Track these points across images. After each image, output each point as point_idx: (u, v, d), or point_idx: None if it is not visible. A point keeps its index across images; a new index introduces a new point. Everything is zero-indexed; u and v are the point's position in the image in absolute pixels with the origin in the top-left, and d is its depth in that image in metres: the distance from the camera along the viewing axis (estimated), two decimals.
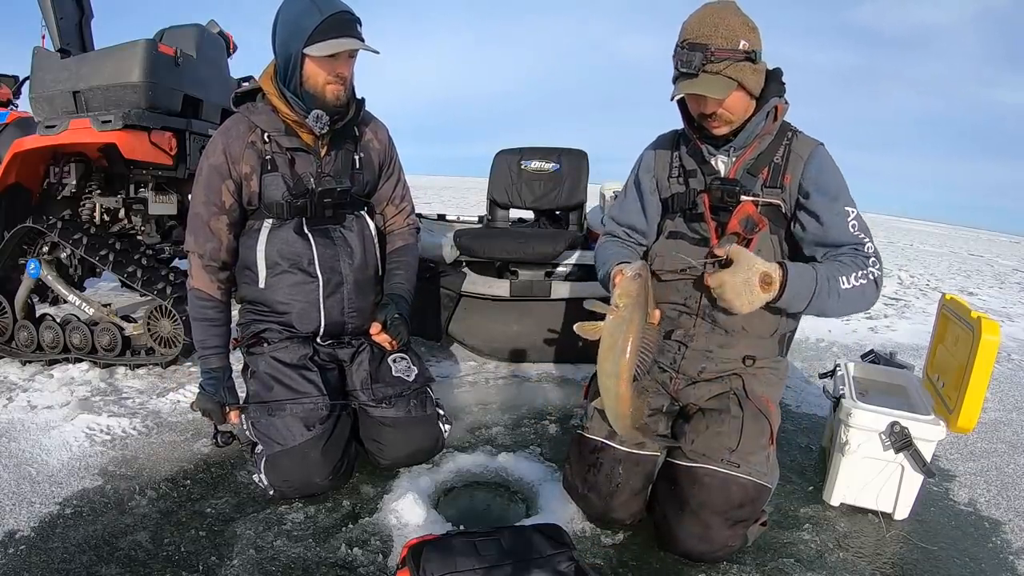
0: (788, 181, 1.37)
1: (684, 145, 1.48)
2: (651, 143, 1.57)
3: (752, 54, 1.27)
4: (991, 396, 2.59)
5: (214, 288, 1.57)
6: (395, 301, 1.65)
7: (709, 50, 1.25)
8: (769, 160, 1.38)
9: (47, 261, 2.40)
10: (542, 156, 2.88)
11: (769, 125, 1.37)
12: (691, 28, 1.28)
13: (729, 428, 1.33)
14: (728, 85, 1.27)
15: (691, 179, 1.45)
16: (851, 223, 1.33)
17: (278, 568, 1.28)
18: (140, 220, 2.63)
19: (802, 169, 1.36)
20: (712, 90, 1.26)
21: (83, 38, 2.54)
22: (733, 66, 1.26)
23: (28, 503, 1.47)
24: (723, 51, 1.25)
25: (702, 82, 1.27)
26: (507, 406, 2.16)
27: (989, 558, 1.47)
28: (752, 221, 1.32)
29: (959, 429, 1.50)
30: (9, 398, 2.06)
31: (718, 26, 1.25)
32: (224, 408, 1.56)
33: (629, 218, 1.55)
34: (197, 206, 1.54)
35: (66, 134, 2.20)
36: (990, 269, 8.56)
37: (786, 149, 1.38)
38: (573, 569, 1.10)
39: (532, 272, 2.48)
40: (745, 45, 1.26)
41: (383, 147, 1.71)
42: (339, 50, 1.43)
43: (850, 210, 1.34)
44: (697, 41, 1.26)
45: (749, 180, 1.39)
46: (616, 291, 1.21)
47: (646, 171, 1.53)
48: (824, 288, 1.26)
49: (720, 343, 1.43)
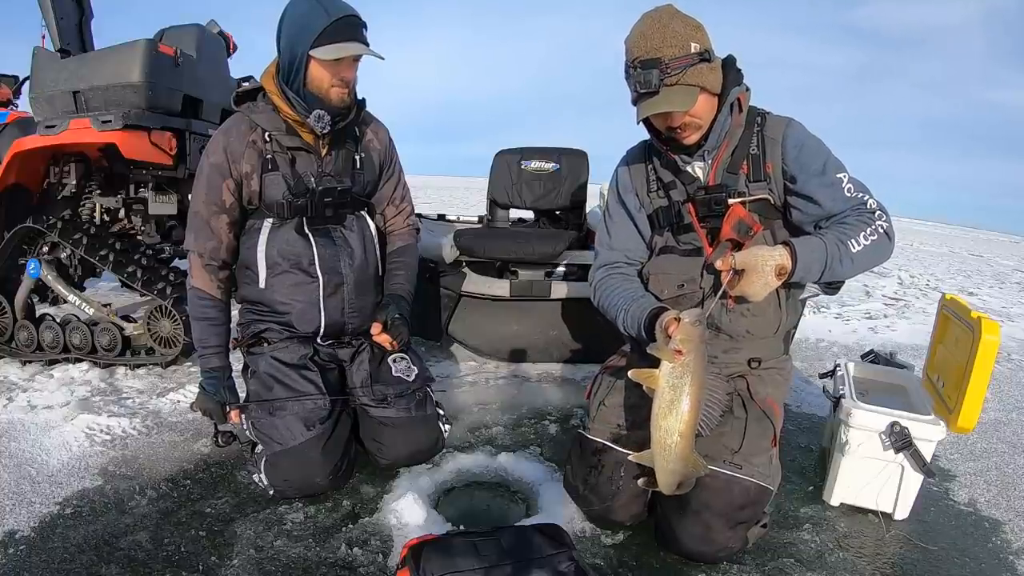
0: (770, 169, 1.34)
1: (656, 157, 1.43)
2: (621, 160, 1.53)
3: (705, 54, 1.23)
4: (991, 396, 2.59)
5: (214, 287, 1.56)
6: (396, 301, 1.65)
7: (663, 63, 1.21)
8: (745, 152, 1.35)
9: (47, 261, 2.40)
10: (542, 156, 2.88)
11: (736, 118, 1.34)
12: (637, 45, 1.23)
13: (732, 429, 1.32)
14: (691, 93, 1.23)
15: (671, 191, 1.41)
16: (846, 188, 1.29)
17: (278, 568, 1.28)
18: (140, 220, 2.64)
19: (780, 152, 1.33)
20: (677, 103, 1.23)
21: (83, 38, 2.55)
22: (690, 72, 1.22)
23: (28, 503, 1.47)
24: (677, 60, 1.21)
25: (665, 98, 1.23)
26: (507, 406, 2.16)
27: (989, 558, 1.47)
28: (745, 225, 1.30)
29: (959, 429, 1.50)
30: (9, 398, 2.06)
31: (664, 36, 1.21)
32: (225, 407, 1.56)
33: (625, 243, 1.48)
34: (197, 205, 1.54)
35: (66, 134, 2.20)
36: (990, 269, 8.56)
37: (759, 136, 1.35)
38: (573, 569, 1.10)
39: (532, 272, 2.48)
40: (696, 47, 1.22)
41: (384, 148, 1.71)
42: (345, 54, 1.43)
43: (841, 176, 1.30)
44: (648, 57, 1.22)
45: (731, 179, 1.35)
46: (678, 335, 1.11)
47: (626, 190, 1.48)
48: (836, 255, 1.23)
49: (725, 348, 1.41)
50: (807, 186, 1.31)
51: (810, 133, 1.35)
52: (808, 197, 1.31)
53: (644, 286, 1.43)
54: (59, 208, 2.51)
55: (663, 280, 1.41)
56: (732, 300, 1.32)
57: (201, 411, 1.58)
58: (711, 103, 1.29)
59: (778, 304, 1.38)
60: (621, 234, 1.49)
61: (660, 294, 1.40)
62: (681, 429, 1.10)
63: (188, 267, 1.58)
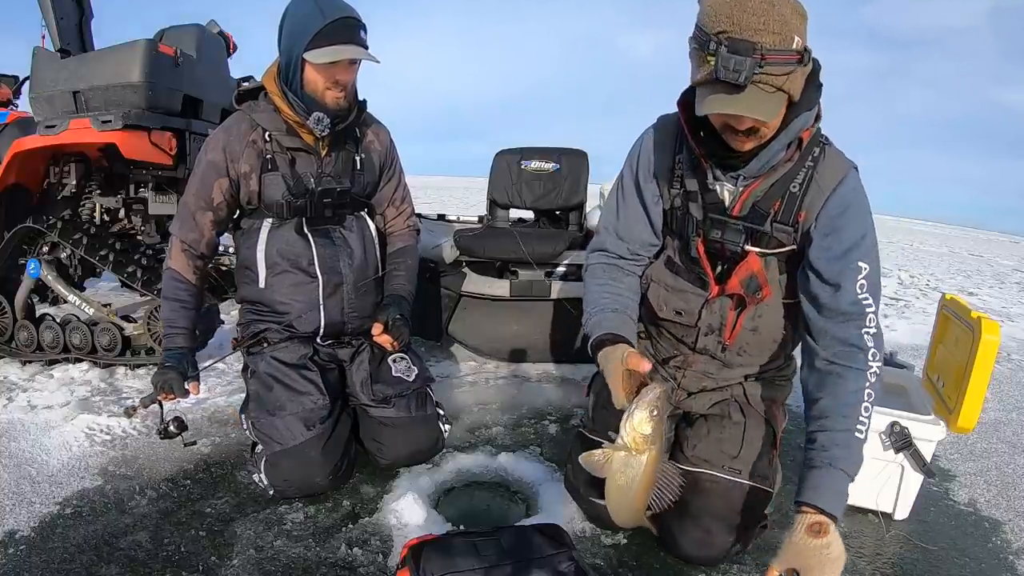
0: (803, 218, 1.15)
1: (688, 150, 1.22)
2: (649, 133, 1.29)
3: (805, 54, 0.98)
4: (991, 396, 2.59)
5: (190, 272, 1.56)
6: (396, 302, 1.65)
7: (759, 51, 0.94)
8: (785, 189, 1.15)
9: (47, 261, 2.39)
10: (542, 156, 2.88)
11: (791, 152, 1.13)
12: (730, 15, 0.95)
13: (730, 435, 1.30)
14: (779, 101, 0.99)
15: (691, 203, 1.22)
16: (859, 284, 1.11)
17: (278, 568, 1.28)
18: (140, 220, 2.63)
19: (821, 206, 1.13)
20: (762, 110, 0.98)
21: (83, 38, 2.54)
22: (787, 75, 0.97)
23: (28, 503, 1.47)
24: (776, 54, 0.94)
25: (750, 99, 0.97)
26: (507, 406, 2.16)
27: (989, 558, 1.47)
28: (756, 284, 1.16)
29: (959, 429, 1.50)
30: (9, 398, 2.06)
31: (769, 16, 0.94)
32: (184, 378, 1.48)
33: (633, 232, 1.31)
34: (188, 196, 1.55)
35: (66, 134, 2.19)
36: (990, 269, 8.56)
37: (808, 175, 1.14)
38: (573, 569, 1.10)
39: (532, 272, 2.48)
40: (798, 42, 0.96)
41: (384, 149, 1.71)
42: (338, 58, 1.41)
43: (863, 265, 1.12)
44: (743, 38, 0.94)
45: (757, 216, 1.17)
46: (628, 426, 1.02)
47: (646, 177, 1.28)
48: (857, 462, 1.07)
49: (719, 366, 1.36)
50: (820, 260, 1.14)
51: (863, 193, 1.15)
52: (816, 273, 1.14)
53: (644, 291, 1.35)
54: (59, 208, 2.51)
55: (662, 297, 1.32)
56: (729, 338, 1.26)
57: (159, 385, 1.46)
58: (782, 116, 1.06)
59: (786, 332, 1.29)
60: (631, 224, 1.32)
61: (659, 310, 1.33)
62: (632, 516, 1.11)
63: (168, 249, 1.57)
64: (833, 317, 1.14)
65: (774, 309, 1.25)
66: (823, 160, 1.14)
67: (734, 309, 1.26)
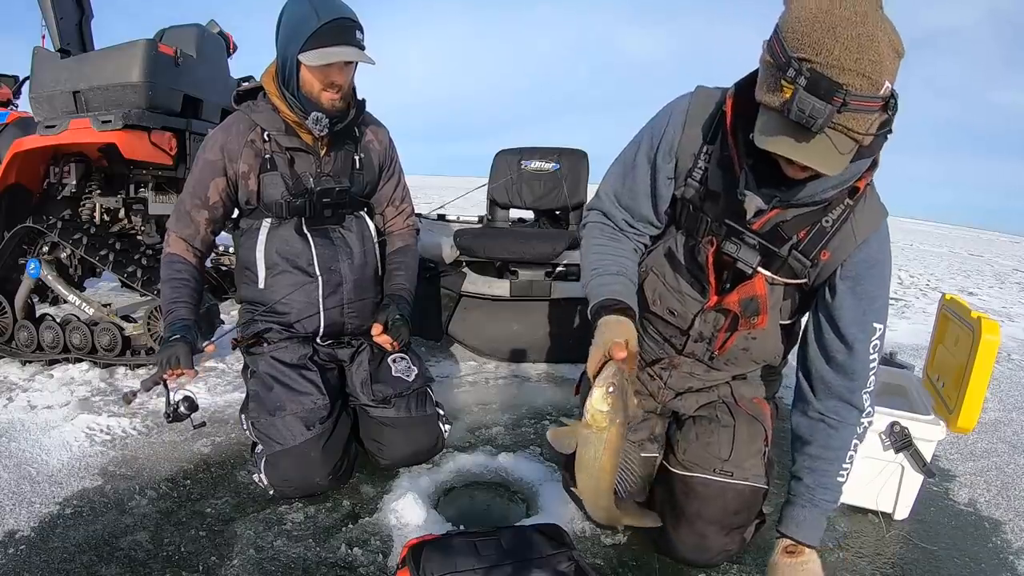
0: (825, 258, 1.09)
1: (722, 146, 1.10)
2: (683, 106, 1.14)
3: (890, 101, 0.85)
4: (991, 396, 2.59)
5: (189, 255, 1.54)
6: (396, 302, 1.65)
7: (844, 94, 0.81)
8: (816, 220, 1.07)
9: (47, 261, 2.40)
10: (542, 156, 2.88)
11: (840, 193, 1.05)
12: (821, 42, 0.82)
13: (720, 438, 1.28)
14: (850, 153, 0.89)
15: (707, 202, 1.13)
16: (872, 345, 1.11)
17: (278, 568, 1.28)
18: (140, 220, 2.64)
19: (849, 255, 1.08)
20: (830, 164, 0.88)
21: (83, 38, 2.55)
22: (865, 122, 0.85)
23: (28, 503, 1.47)
24: (861, 100, 0.82)
25: (819, 148, 0.86)
26: (507, 406, 2.16)
27: (989, 558, 1.47)
28: (756, 307, 1.11)
29: (959, 429, 1.50)
30: (9, 398, 2.06)
31: (863, 54, 0.81)
32: (192, 350, 1.38)
33: (634, 204, 1.22)
34: (185, 193, 1.56)
35: (66, 134, 2.20)
36: (990, 269, 8.56)
37: (844, 215, 1.06)
38: (573, 569, 1.10)
39: (532, 272, 2.48)
40: (887, 88, 0.84)
41: (383, 148, 1.71)
42: (332, 60, 1.40)
43: (877, 327, 1.11)
44: (828, 76, 0.81)
45: (777, 238, 1.09)
46: (588, 403, 0.99)
47: (666, 155, 1.15)
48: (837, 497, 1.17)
49: (706, 369, 1.33)
50: (840, 314, 1.11)
51: (889, 248, 1.12)
52: (834, 326, 1.12)
53: (641, 280, 1.27)
54: (59, 208, 2.51)
55: (659, 291, 1.26)
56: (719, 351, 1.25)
57: (163, 360, 1.34)
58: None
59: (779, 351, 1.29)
60: (635, 195, 1.22)
61: (652, 303, 1.27)
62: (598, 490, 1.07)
63: (165, 241, 1.56)
64: (839, 371, 1.15)
65: (769, 333, 1.23)
66: (863, 202, 1.07)
67: (727, 330, 1.22)
